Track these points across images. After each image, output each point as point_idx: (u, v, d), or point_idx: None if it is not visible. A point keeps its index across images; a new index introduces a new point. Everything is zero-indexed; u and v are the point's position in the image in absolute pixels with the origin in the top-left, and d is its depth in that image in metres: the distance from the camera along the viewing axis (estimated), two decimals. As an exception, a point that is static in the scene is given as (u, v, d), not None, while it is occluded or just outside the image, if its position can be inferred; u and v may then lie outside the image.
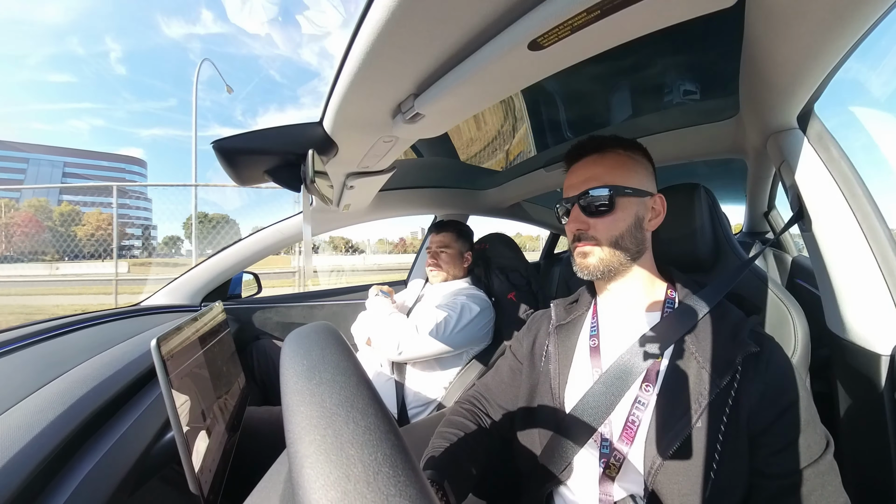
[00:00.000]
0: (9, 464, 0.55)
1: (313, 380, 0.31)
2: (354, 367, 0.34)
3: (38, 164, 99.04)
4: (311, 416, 0.28)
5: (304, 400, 0.29)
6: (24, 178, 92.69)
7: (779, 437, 0.64)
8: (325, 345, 0.36)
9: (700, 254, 0.98)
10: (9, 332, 1.19)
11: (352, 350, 0.37)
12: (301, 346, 0.36)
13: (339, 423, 0.27)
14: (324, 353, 0.35)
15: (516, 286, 1.80)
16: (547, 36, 0.49)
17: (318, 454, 0.25)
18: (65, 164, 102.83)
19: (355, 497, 0.23)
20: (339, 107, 0.74)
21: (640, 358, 0.74)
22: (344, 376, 0.32)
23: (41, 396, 0.75)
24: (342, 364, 0.33)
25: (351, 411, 0.28)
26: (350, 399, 0.29)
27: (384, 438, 0.26)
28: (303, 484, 0.24)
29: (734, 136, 1.20)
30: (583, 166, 0.85)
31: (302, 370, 0.33)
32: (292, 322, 2.11)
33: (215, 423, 0.87)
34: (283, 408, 0.31)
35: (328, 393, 0.30)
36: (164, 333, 0.76)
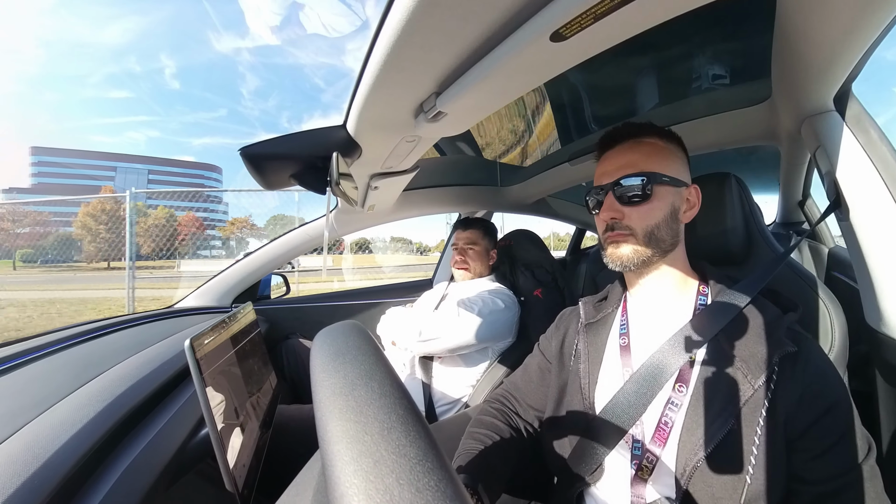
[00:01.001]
0: (54, 456, 0.58)
1: (344, 380, 0.31)
2: (384, 365, 0.34)
3: (125, 172, 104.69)
4: (342, 418, 0.28)
5: (336, 400, 0.30)
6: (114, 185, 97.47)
7: (818, 442, 0.61)
8: (354, 343, 0.36)
9: (732, 247, 0.95)
10: (53, 333, 1.25)
11: (380, 348, 0.37)
12: (330, 345, 0.37)
13: (371, 425, 0.27)
14: (353, 352, 0.35)
15: (542, 283, 1.78)
16: (569, 26, 0.48)
17: (351, 458, 0.25)
18: (149, 171, 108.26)
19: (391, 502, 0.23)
20: (362, 109, 0.74)
21: (673, 357, 0.71)
22: (374, 375, 0.32)
23: (83, 394, 0.78)
24: (371, 362, 0.34)
25: (382, 412, 0.28)
26: (381, 399, 0.29)
27: (416, 439, 0.26)
28: (337, 487, 0.24)
29: (766, 121, 1.15)
30: (617, 153, 0.81)
31: (332, 368, 0.33)
32: (320, 321, 2.14)
33: (248, 420, 0.89)
34: (314, 407, 0.31)
35: (359, 393, 0.30)
36: (198, 334, 0.78)
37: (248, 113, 57.54)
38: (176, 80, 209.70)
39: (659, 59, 1.08)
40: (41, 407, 0.72)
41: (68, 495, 0.57)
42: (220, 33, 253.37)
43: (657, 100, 1.32)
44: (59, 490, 0.55)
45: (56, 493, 0.54)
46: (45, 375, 0.95)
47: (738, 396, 0.64)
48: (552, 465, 0.84)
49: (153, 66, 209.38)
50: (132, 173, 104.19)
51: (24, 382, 0.90)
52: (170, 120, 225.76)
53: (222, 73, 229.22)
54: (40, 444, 0.60)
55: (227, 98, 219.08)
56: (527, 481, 1.01)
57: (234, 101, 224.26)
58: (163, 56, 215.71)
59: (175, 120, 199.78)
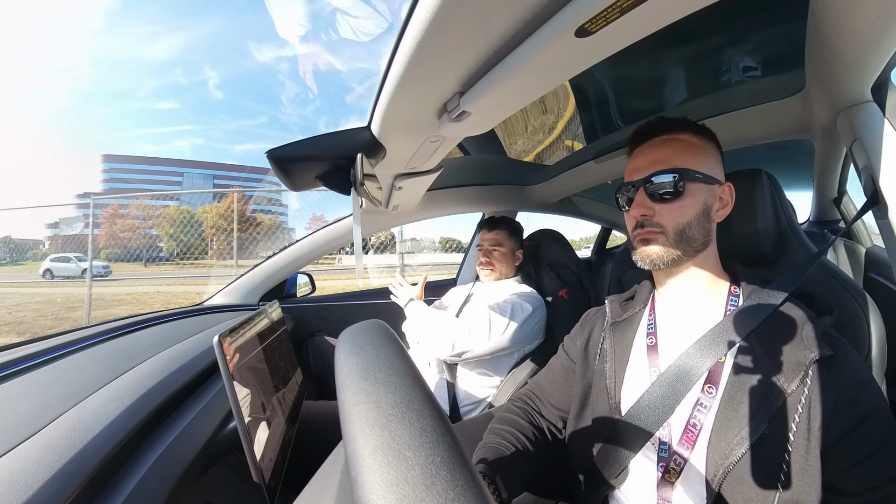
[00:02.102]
0: (90, 443, 0.60)
1: (368, 378, 0.32)
2: (407, 364, 0.34)
3: (191, 177, 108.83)
4: (366, 415, 0.28)
5: (360, 398, 0.30)
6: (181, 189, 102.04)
7: (854, 451, 0.58)
8: (379, 342, 0.37)
9: (763, 247, 0.91)
10: (87, 329, 1.31)
11: (404, 347, 0.38)
12: (355, 343, 0.37)
13: (394, 424, 0.27)
14: (377, 351, 0.35)
15: (567, 283, 1.76)
16: (595, 21, 0.47)
17: (374, 454, 0.25)
18: (214, 175, 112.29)
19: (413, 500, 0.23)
20: (386, 110, 0.75)
21: (702, 359, 0.70)
22: (398, 375, 0.32)
23: (115, 387, 0.81)
24: (395, 362, 0.34)
25: (406, 412, 0.28)
26: (405, 398, 0.30)
27: (440, 440, 0.26)
28: (360, 483, 0.24)
29: (800, 114, 1.11)
30: (649, 149, 0.80)
31: (356, 367, 0.33)
32: (345, 320, 2.17)
33: (275, 415, 0.91)
34: (338, 403, 0.32)
35: (382, 391, 0.30)
36: (226, 330, 0.80)
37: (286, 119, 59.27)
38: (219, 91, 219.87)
39: (687, 51, 1.05)
40: (78, 397, 0.75)
41: (103, 481, 0.59)
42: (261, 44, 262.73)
43: (685, 94, 1.28)
44: (95, 476, 0.57)
45: (92, 478, 0.56)
46: (83, 367, 0.99)
47: (769, 401, 0.62)
48: (577, 466, 0.83)
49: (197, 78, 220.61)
50: (198, 178, 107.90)
51: (62, 373, 0.94)
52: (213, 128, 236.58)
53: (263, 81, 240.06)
54: (78, 432, 0.62)
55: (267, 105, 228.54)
56: (553, 482, 1.00)
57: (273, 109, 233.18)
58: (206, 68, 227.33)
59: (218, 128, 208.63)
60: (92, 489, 0.56)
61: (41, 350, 1.04)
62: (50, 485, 0.51)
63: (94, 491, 0.57)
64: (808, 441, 0.59)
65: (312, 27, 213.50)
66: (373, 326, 0.41)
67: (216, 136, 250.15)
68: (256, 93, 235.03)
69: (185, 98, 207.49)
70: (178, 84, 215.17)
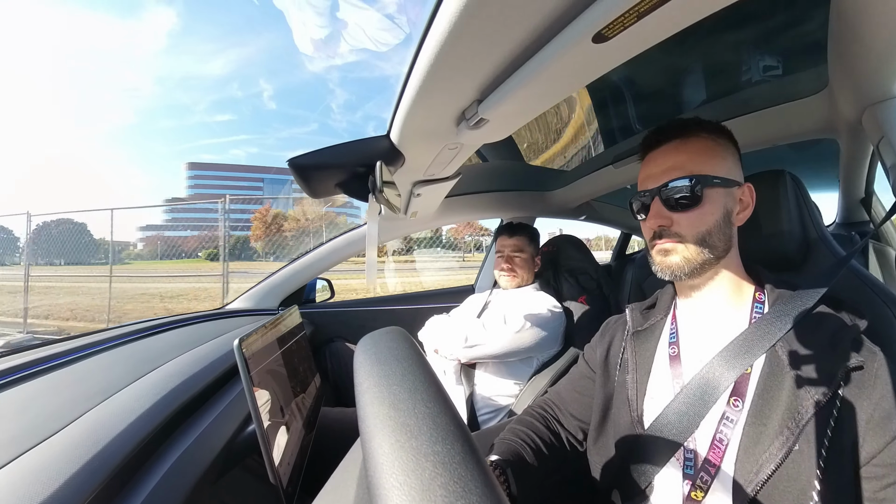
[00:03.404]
0: (112, 441, 0.62)
1: (387, 385, 0.32)
2: (426, 372, 0.34)
3: (272, 183, 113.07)
4: (385, 421, 0.28)
5: (379, 405, 0.30)
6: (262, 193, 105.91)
7: (892, 468, 0.55)
8: (398, 349, 0.37)
9: (788, 251, 0.88)
10: (112, 330, 1.35)
11: (423, 354, 0.38)
12: (374, 350, 0.37)
13: (413, 430, 0.27)
14: (396, 358, 0.35)
15: (586, 289, 1.75)
16: (612, 26, 0.47)
17: (393, 460, 0.26)
18: (291, 181, 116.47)
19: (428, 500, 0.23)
20: (406, 118, 0.76)
21: (727, 369, 0.67)
22: (416, 382, 0.32)
23: (138, 387, 0.83)
24: (414, 369, 0.34)
25: (425, 419, 0.28)
26: (423, 406, 0.30)
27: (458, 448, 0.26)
28: (378, 488, 0.25)
29: (823, 112, 1.07)
30: (663, 154, 0.77)
31: (375, 373, 0.34)
32: (363, 326, 2.18)
33: (293, 419, 0.92)
34: (357, 409, 0.32)
35: (401, 398, 0.30)
36: (246, 334, 0.81)
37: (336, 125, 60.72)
38: (272, 101, 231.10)
39: (705, 52, 1.03)
40: (102, 396, 0.77)
41: (125, 478, 0.60)
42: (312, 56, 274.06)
43: (704, 96, 1.26)
44: (117, 473, 0.58)
45: (114, 475, 0.57)
46: (107, 367, 1.01)
47: (799, 414, 0.59)
48: (600, 482, 0.80)
49: (253, 90, 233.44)
50: (278, 183, 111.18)
51: (88, 373, 0.97)
52: (267, 137, 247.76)
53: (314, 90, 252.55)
54: (101, 430, 0.64)
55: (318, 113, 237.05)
56: (574, 497, 0.98)
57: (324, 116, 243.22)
58: (261, 81, 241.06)
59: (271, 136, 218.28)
60: (114, 486, 0.57)
61: (68, 349, 1.07)
62: (74, 480, 0.52)
63: (116, 488, 0.58)
64: (840, 457, 0.56)
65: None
66: (392, 333, 0.41)
67: (269, 145, 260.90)
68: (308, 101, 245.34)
69: (240, 110, 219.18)
70: (234, 97, 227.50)
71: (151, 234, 49.73)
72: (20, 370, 0.91)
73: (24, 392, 0.83)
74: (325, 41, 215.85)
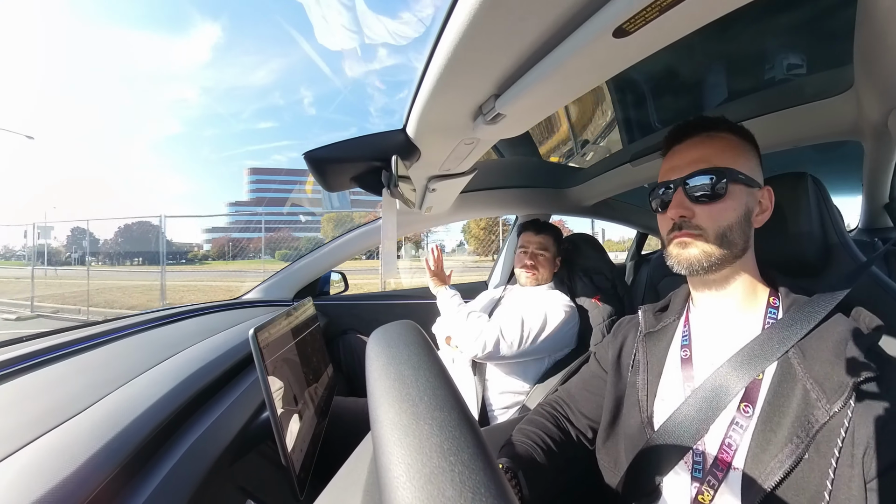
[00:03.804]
0: (131, 424, 0.63)
1: (397, 376, 0.32)
2: (436, 364, 0.34)
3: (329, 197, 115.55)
4: (395, 411, 0.29)
5: (389, 395, 0.31)
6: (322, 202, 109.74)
7: None
8: (409, 341, 0.37)
9: (807, 255, 0.86)
10: (132, 317, 1.39)
11: (434, 348, 0.38)
12: (386, 342, 0.38)
13: (422, 421, 0.28)
14: (407, 350, 0.36)
15: (601, 289, 1.73)
16: (633, 20, 0.46)
17: (401, 449, 0.26)
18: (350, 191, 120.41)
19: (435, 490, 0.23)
20: (422, 113, 0.76)
21: (738, 375, 0.66)
22: (427, 374, 0.33)
23: (157, 372, 0.85)
24: (425, 361, 0.34)
25: (434, 410, 0.29)
26: (433, 397, 0.30)
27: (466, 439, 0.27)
28: (387, 477, 0.25)
29: (848, 113, 1.04)
30: (689, 147, 0.76)
31: (387, 365, 0.34)
32: (376, 319, 2.19)
33: (306, 408, 0.93)
34: (368, 399, 0.32)
35: (411, 389, 0.31)
36: (261, 324, 0.83)
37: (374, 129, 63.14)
38: (312, 108, 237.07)
39: (728, 49, 1.01)
40: (122, 380, 0.79)
41: (143, 460, 0.62)
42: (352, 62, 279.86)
43: (726, 94, 1.24)
44: (136, 454, 0.60)
45: (133, 456, 0.59)
46: (127, 353, 1.04)
47: (810, 422, 0.58)
48: (607, 482, 0.80)
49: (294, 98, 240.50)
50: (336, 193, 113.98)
51: (109, 358, 0.99)
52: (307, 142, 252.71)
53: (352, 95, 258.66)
54: (121, 413, 0.66)
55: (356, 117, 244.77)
56: (581, 496, 0.98)
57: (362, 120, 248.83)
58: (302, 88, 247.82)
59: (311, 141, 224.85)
60: (133, 466, 0.59)
61: (90, 335, 1.10)
62: (94, 459, 0.54)
63: (135, 468, 0.59)
64: (851, 469, 0.55)
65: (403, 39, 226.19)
66: (403, 326, 0.41)
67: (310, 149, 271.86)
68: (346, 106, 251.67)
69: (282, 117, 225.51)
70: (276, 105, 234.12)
71: (218, 235, 53.08)
72: (45, 353, 0.94)
73: (49, 374, 0.85)
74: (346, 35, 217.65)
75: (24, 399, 0.74)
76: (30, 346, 0.95)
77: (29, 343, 1.01)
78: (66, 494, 0.47)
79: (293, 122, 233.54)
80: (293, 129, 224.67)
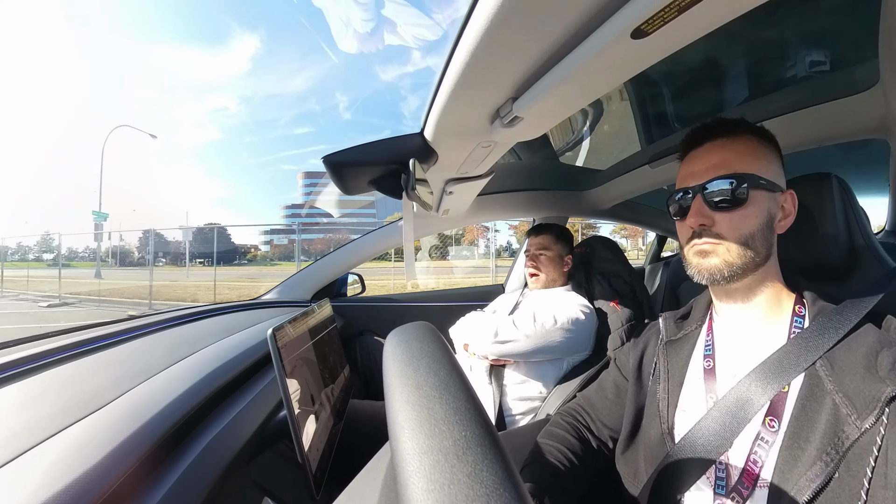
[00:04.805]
0: (152, 419, 0.64)
1: (414, 377, 0.32)
2: (453, 366, 0.34)
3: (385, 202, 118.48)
4: (411, 413, 0.29)
5: (406, 397, 0.31)
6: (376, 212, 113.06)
7: None
8: (425, 343, 0.37)
9: (832, 260, 0.83)
10: (153, 316, 1.42)
11: (450, 348, 0.38)
12: (403, 343, 0.38)
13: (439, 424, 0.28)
14: (424, 351, 0.36)
15: (619, 293, 1.70)
16: (652, 21, 0.45)
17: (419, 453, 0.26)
18: None
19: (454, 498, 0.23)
20: (440, 116, 0.76)
21: (763, 387, 0.63)
22: (443, 375, 0.32)
23: (177, 370, 0.87)
24: (441, 363, 0.34)
25: (451, 413, 0.29)
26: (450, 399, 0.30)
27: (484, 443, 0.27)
28: (404, 481, 0.25)
29: (874, 110, 1.00)
30: (707, 151, 0.73)
31: (403, 366, 0.34)
32: (393, 321, 2.20)
33: (322, 409, 0.94)
34: (385, 400, 0.32)
35: (428, 391, 0.31)
36: (280, 324, 0.84)
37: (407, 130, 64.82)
38: (348, 112, 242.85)
39: (748, 47, 0.98)
40: (143, 376, 0.81)
41: (163, 454, 0.63)
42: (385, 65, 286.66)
43: (747, 93, 1.20)
44: (156, 449, 0.61)
45: (153, 451, 0.60)
46: (148, 350, 1.07)
47: (840, 438, 0.55)
48: (627, 494, 0.78)
49: (329, 103, 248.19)
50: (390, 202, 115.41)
51: (131, 354, 1.02)
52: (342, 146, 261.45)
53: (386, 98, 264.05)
54: (142, 408, 0.67)
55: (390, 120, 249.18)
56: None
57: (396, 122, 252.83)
58: (337, 94, 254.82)
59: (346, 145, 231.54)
60: (153, 460, 0.60)
61: (113, 332, 1.13)
62: (116, 452, 0.55)
63: (156, 461, 0.61)
64: (885, 490, 0.51)
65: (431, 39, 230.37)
66: (420, 328, 0.41)
67: None
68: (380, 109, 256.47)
69: (318, 122, 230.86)
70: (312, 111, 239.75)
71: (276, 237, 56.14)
72: (70, 349, 0.96)
73: (74, 370, 0.88)
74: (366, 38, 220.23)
75: (49, 392, 0.76)
76: (56, 342, 0.98)
77: (55, 339, 1.04)
78: (89, 485, 0.49)
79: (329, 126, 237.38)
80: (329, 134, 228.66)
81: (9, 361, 0.84)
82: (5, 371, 0.82)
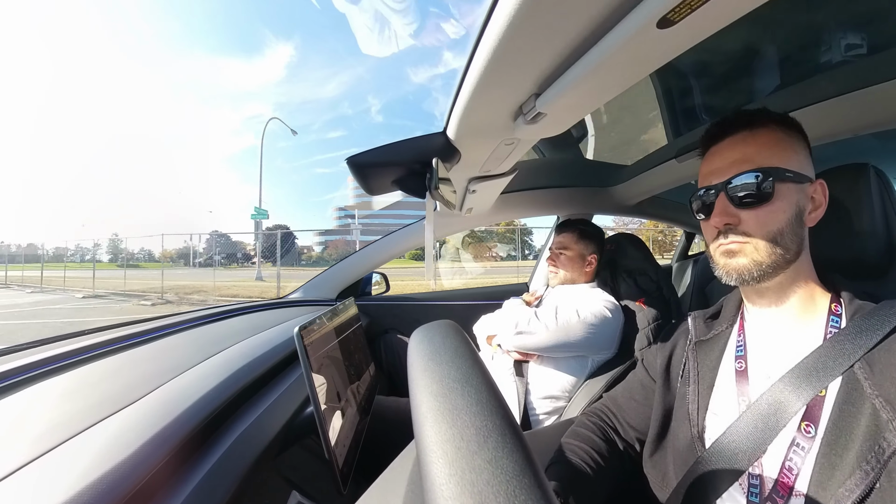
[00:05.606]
0: (182, 414, 0.66)
1: (439, 375, 0.33)
2: (477, 363, 0.34)
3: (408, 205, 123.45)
4: (436, 410, 0.29)
5: (431, 393, 0.31)
6: None
7: None
8: (450, 341, 0.38)
9: (869, 256, 0.79)
10: (183, 314, 1.46)
11: (474, 346, 0.38)
12: (427, 341, 0.38)
13: (463, 420, 0.28)
14: (448, 349, 0.36)
15: (646, 291, 1.67)
16: (678, 10, 0.43)
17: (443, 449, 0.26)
18: None
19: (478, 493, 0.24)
20: (462, 115, 0.76)
21: (798, 390, 0.60)
22: (467, 373, 0.33)
23: (206, 367, 0.89)
24: (465, 360, 0.34)
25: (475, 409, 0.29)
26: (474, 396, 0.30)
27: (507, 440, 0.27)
28: (429, 475, 0.25)
29: None
30: (729, 146, 0.70)
31: (428, 364, 0.34)
32: (417, 319, 2.21)
33: (348, 405, 0.95)
34: (410, 397, 0.33)
35: (452, 388, 0.31)
36: (306, 323, 0.86)
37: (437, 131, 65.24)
38: (380, 115, 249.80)
39: (780, 32, 0.93)
40: (174, 373, 0.84)
41: (193, 449, 0.65)
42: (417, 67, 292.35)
43: (778, 81, 1.15)
44: (187, 442, 0.63)
45: (183, 445, 0.62)
46: (178, 348, 1.10)
47: (881, 447, 0.51)
48: (655, 500, 0.76)
49: (361, 107, 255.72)
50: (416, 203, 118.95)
51: (162, 351, 1.05)
52: None
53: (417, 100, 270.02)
54: (172, 403, 0.69)
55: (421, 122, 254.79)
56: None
57: (427, 123, 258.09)
58: (369, 97, 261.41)
59: None
60: (184, 453, 0.62)
61: (144, 330, 1.17)
62: (147, 446, 0.57)
63: (186, 455, 0.63)
64: None
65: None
66: (444, 326, 0.41)
67: None
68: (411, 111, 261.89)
69: (351, 125, 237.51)
70: (345, 115, 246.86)
71: (332, 238, 59.26)
72: (105, 346, 1.00)
73: (108, 366, 0.91)
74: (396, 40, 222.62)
75: (85, 387, 0.79)
76: (92, 339, 1.03)
77: (90, 336, 1.08)
78: (124, 474, 0.51)
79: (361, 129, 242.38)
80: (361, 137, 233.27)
81: (49, 357, 0.88)
82: (47, 366, 0.86)
